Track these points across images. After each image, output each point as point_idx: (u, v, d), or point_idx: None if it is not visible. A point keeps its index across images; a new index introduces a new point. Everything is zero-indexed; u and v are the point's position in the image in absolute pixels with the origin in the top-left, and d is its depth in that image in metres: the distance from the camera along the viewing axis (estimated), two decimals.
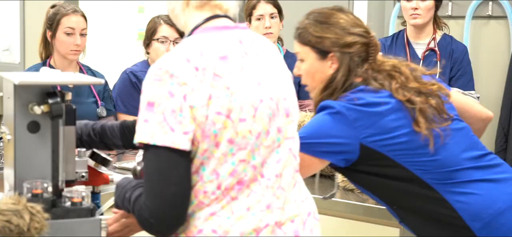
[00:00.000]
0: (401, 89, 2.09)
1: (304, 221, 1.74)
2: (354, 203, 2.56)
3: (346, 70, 2.13)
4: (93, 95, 3.51)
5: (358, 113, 2.05)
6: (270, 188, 1.67)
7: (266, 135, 1.66)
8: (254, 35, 1.77)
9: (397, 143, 2.06)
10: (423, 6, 3.45)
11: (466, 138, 2.17)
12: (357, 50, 2.13)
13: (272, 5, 3.74)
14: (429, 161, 2.07)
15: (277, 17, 3.74)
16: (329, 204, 2.61)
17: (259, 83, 1.67)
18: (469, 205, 2.07)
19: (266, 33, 3.70)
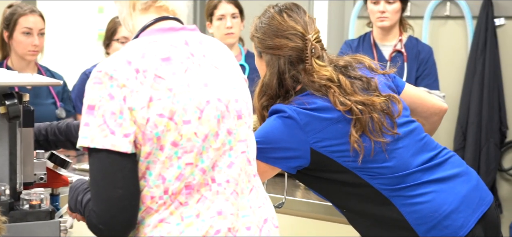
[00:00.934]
0: (341, 98, 2.02)
1: (260, 227, 1.71)
2: (316, 202, 2.57)
3: (276, 72, 2.08)
4: (52, 96, 3.47)
5: (309, 118, 2.02)
6: (222, 193, 1.64)
7: (215, 137, 1.64)
8: (203, 37, 1.75)
9: (346, 150, 2.02)
10: (391, 9, 3.49)
11: (415, 141, 2.12)
12: (285, 53, 2.07)
13: (234, 5, 3.73)
14: (378, 167, 2.04)
15: (239, 17, 3.74)
16: (291, 204, 2.61)
17: (206, 84, 1.65)
18: (415, 210, 2.05)
19: (227, 33, 3.69)
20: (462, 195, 2.10)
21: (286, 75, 2.07)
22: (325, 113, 2.02)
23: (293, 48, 2.07)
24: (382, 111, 2.06)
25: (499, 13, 4.00)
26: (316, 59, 2.07)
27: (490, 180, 4.08)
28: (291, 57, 2.07)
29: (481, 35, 4.00)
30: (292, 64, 2.08)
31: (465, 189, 2.11)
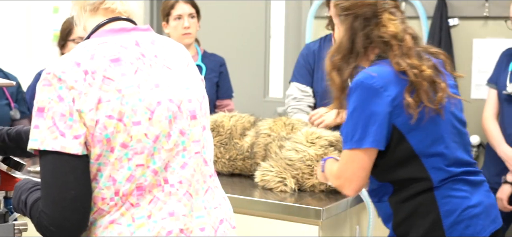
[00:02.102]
0: (398, 59, 2.13)
1: (215, 228, 1.72)
2: (273, 202, 2.58)
3: (349, 31, 2.20)
4: (6, 97, 3.42)
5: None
6: (174, 194, 1.64)
7: (167, 138, 1.63)
8: (156, 37, 1.74)
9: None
10: None
11: (466, 142, 2.27)
12: (361, 10, 2.18)
13: (191, 5, 3.72)
14: (432, 144, 2.15)
15: (196, 17, 3.73)
16: (249, 204, 2.62)
17: (157, 85, 1.64)
18: (449, 202, 2.16)
19: (185, 33, 3.68)
20: (485, 205, 2.23)
21: (359, 33, 2.18)
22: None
23: (368, 5, 2.18)
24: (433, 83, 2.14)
25: (453, 13, 4.05)
26: (388, 14, 2.18)
27: None
28: (366, 13, 2.18)
29: (435, 35, 4.05)
30: (367, 20, 2.18)
31: (487, 201, 2.25)
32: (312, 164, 2.65)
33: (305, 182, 2.67)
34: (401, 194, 2.20)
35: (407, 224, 2.20)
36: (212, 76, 3.82)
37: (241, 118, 3.01)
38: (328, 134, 2.74)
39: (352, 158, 2.17)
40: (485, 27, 4.02)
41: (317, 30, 4.45)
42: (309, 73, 3.58)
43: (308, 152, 2.66)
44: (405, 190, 2.19)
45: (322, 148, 2.67)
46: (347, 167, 2.18)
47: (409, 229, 2.20)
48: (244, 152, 2.91)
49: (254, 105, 4.62)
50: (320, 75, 3.55)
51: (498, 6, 3.91)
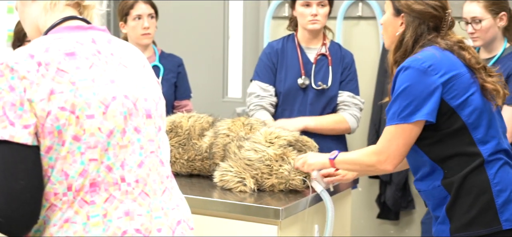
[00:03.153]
0: (473, 59, 2.38)
1: (173, 229, 1.71)
2: (232, 202, 2.58)
3: (413, 33, 2.41)
4: None
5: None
6: (130, 193, 1.63)
7: (122, 134, 1.63)
8: (112, 37, 1.75)
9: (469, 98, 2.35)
10: (322, 12, 3.48)
11: (503, 125, 2.48)
12: (427, 19, 2.41)
13: (150, 5, 3.70)
14: (484, 123, 2.36)
15: (154, 17, 3.71)
16: (208, 204, 2.61)
17: (113, 81, 1.65)
18: (499, 176, 2.35)
19: (144, 33, 3.65)
20: None
21: (423, 37, 2.41)
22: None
23: (434, 17, 2.41)
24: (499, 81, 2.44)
25: None
26: (449, 29, 2.46)
27: (402, 177, 4.18)
28: (429, 24, 2.42)
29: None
30: (429, 29, 2.42)
31: None
32: (271, 164, 2.66)
33: (264, 182, 2.68)
34: (453, 175, 2.35)
35: (460, 204, 2.35)
36: (170, 76, 3.80)
37: (200, 118, 3.00)
38: (286, 134, 2.76)
39: (398, 134, 2.35)
40: None
41: (275, 30, 4.47)
42: (272, 72, 3.58)
43: (267, 152, 2.66)
44: (457, 170, 2.36)
45: (281, 148, 2.68)
46: (392, 143, 2.36)
47: (463, 209, 2.34)
48: (203, 153, 2.90)
49: (213, 105, 4.62)
50: (283, 75, 3.56)
51: (452, 6, 3.96)
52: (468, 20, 3.49)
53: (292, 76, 3.55)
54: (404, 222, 4.31)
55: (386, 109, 2.41)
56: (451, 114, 2.34)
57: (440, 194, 2.40)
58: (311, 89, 3.53)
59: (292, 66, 3.56)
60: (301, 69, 3.53)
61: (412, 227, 4.29)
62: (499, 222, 2.33)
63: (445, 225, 2.39)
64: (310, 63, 3.56)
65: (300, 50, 3.58)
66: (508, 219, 2.34)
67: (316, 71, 3.54)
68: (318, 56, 3.56)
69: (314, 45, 3.59)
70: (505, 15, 3.48)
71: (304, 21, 3.51)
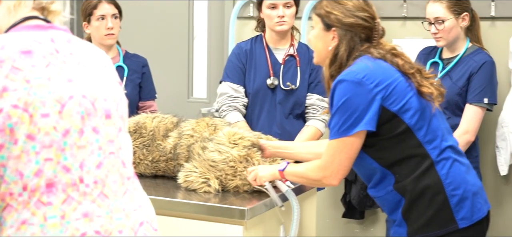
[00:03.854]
0: (406, 64, 2.41)
1: (135, 230, 1.69)
2: (197, 203, 2.57)
3: (347, 46, 2.42)
4: None
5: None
6: (89, 195, 1.61)
7: (80, 135, 1.61)
8: (73, 37, 1.73)
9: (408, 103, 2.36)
10: (289, 13, 3.50)
11: (446, 124, 2.48)
12: (358, 31, 2.42)
13: (114, 5, 3.67)
14: (427, 123, 2.37)
15: (118, 17, 3.68)
16: (173, 205, 2.60)
17: (70, 80, 1.62)
18: (451, 175, 2.37)
19: (108, 34, 3.62)
20: (479, 186, 2.46)
21: (356, 49, 2.41)
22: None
23: (365, 28, 2.42)
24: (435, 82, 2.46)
25: None
26: (380, 38, 2.48)
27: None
28: (361, 36, 2.42)
29: None
30: (361, 41, 2.42)
31: (479, 182, 2.48)
32: (235, 165, 2.65)
33: (228, 183, 2.67)
34: (405, 179, 2.37)
35: (416, 207, 2.36)
36: (134, 77, 3.77)
37: (164, 119, 2.99)
38: (250, 135, 2.76)
39: (340, 148, 2.35)
40: (403, 27, 4.11)
41: (240, 30, 4.46)
42: (241, 72, 3.59)
43: (231, 153, 2.66)
44: (407, 173, 2.37)
45: (244, 149, 2.68)
46: (335, 158, 2.36)
47: (418, 211, 2.36)
48: (167, 154, 2.89)
49: (178, 106, 4.60)
50: (252, 76, 3.58)
51: (415, 6, 4.00)
52: (431, 20, 3.53)
53: (261, 76, 3.56)
54: (369, 221, 4.34)
55: (328, 124, 2.42)
56: (393, 119, 2.34)
57: (394, 198, 2.41)
58: (279, 90, 3.56)
59: (260, 66, 3.58)
60: (270, 70, 3.55)
61: (377, 225, 4.33)
62: (455, 221, 2.35)
63: (402, 228, 2.40)
64: (278, 63, 3.58)
65: (268, 51, 3.59)
66: (464, 217, 2.36)
67: (284, 72, 3.56)
68: (286, 57, 3.58)
69: (282, 45, 3.61)
70: (467, 15, 3.53)
71: (271, 22, 3.52)
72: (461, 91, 3.50)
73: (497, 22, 3.89)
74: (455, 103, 3.51)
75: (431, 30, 3.54)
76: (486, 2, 3.85)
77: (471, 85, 3.50)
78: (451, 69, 3.55)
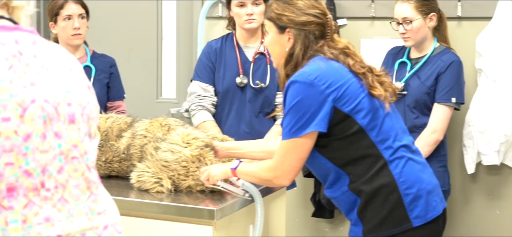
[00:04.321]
0: (357, 64, 2.41)
1: (99, 234, 1.68)
2: (166, 204, 2.55)
3: (302, 45, 2.42)
4: None
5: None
6: (50, 199, 1.59)
7: (42, 139, 1.58)
8: (39, 39, 1.69)
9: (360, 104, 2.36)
10: (258, 11, 3.50)
11: (400, 124, 2.48)
12: (312, 29, 2.42)
13: (80, 5, 3.63)
14: (380, 123, 2.38)
15: (85, 17, 3.65)
16: (140, 206, 2.58)
17: (33, 84, 1.59)
18: (404, 174, 2.38)
19: (75, 34, 3.59)
20: (435, 184, 2.47)
21: (310, 47, 2.42)
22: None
23: (318, 24, 2.42)
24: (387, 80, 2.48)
25: (342, 14, 4.14)
26: (334, 34, 2.48)
27: None
28: (316, 33, 2.43)
29: None
30: (315, 38, 2.42)
31: (435, 181, 2.49)
32: (187, 165, 2.64)
33: (181, 183, 2.66)
34: (359, 179, 2.38)
35: (371, 206, 2.37)
36: (102, 77, 3.74)
37: (118, 119, 2.96)
38: (203, 135, 2.74)
39: (291, 149, 2.36)
40: (372, 27, 4.14)
41: (209, 30, 4.45)
42: (211, 71, 3.60)
43: (184, 153, 2.65)
44: (362, 173, 2.37)
45: (197, 149, 2.66)
46: (285, 158, 2.37)
47: (373, 210, 2.38)
48: (121, 154, 2.86)
49: (147, 106, 4.57)
50: (221, 74, 3.58)
51: (383, 6, 4.03)
52: (399, 20, 3.55)
53: (231, 75, 3.57)
54: (339, 220, 4.35)
55: (281, 124, 2.42)
56: (346, 119, 2.35)
57: (349, 198, 2.42)
58: (249, 88, 3.56)
59: (230, 65, 3.58)
60: (239, 68, 3.55)
61: (347, 224, 4.34)
62: (409, 220, 2.36)
63: (357, 228, 2.42)
64: (248, 62, 3.58)
65: (238, 49, 3.60)
66: (418, 216, 2.37)
67: (254, 70, 3.57)
68: (256, 55, 3.59)
69: (253, 43, 3.61)
70: (434, 15, 3.56)
71: (240, 21, 3.53)
72: (429, 90, 3.53)
73: (464, 22, 3.93)
74: (423, 103, 3.54)
75: (399, 30, 3.57)
76: (453, 2, 3.88)
77: (439, 84, 3.53)
78: (419, 69, 3.58)
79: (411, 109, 3.54)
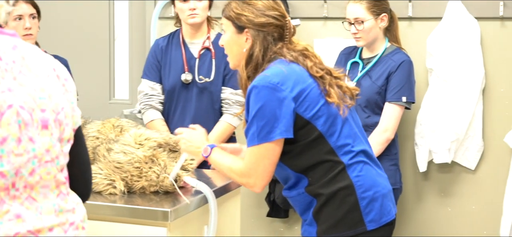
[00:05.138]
0: (315, 66, 2.40)
1: (65, 230, 1.75)
2: (119, 206, 2.54)
3: (261, 46, 2.42)
4: None
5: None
6: (18, 198, 1.65)
7: (17, 143, 1.63)
8: (21, 43, 1.72)
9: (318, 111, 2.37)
10: (201, 6, 3.52)
11: (360, 128, 2.51)
12: (271, 30, 2.42)
13: (31, 5, 3.59)
14: (338, 129, 2.39)
15: (37, 17, 3.60)
16: (92, 208, 2.55)
17: (10, 90, 1.63)
18: (362, 177, 2.40)
19: (26, 34, 3.54)
20: (389, 189, 2.51)
21: (269, 49, 2.42)
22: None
23: (277, 26, 2.43)
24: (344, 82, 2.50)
25: (295, 14, 4.16)
26: (292, 37, 2.48)
27: None
28: (274, 35, 2.43)
29: None
30: (274, 40, 2.43)
31: (390, 186, 2.53)
32: (140, 166, 2.63)
33: (134, 184, 2.65)
34: (318, 182, 2.39)
35: (327, 207, 2.39)
36: None
37: None
38: (156, 135, 2.73)
39: (262, 154, 2.35)
40: (324, 27, 4.17)
41: (162, 30, 4.43)
42: (157, 69, 3.62)
43: (136, 154, 2.63)
44: (320, 176, 2.39)
45: (150, 150, 2.65)
46: (259, 164, 2.36)
47: (329, 212, 2.40)
48: None
49: (100, 108, 4.53)
50: (167, 72, 3.60)
51: (336, 6, 4.06)
52: (351, 21, 3.59)
53: (176, 72, 3.58)
54: (293, 220, 4.37)
55: (245, 131, 2.41)
56: (306, 125, 2.35)
57: (305, 199, 2.44)
58: (195, 84, 3.57)
59: (175, 62, 3.60)
60: (185, 65, 3.56)
61: None
62: (364, 223, 2.39)
63: (312, 227, 2.44)
64: (194, 58, 3.59)
65: (183, 45, 3.61)
66: (373, 219, 2.40)
67: (200, 66, 3.58)
68: (202, 50, 3.60)
69: (198, 39, 3.62)
70: (386, 16, 3.60)
71: (183, 16, 3.55)
72: (380, 90, 3.58)
73: (415, 22, 3.99)
74: (375, 102, 3.58)
75: (351, 30, 3.60)
76: (403, 3, 3.94)
77: (390, 84, 3.57)
78: (370, 68, 3.62)
79: (362, 109, 3.57)
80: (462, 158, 3.91)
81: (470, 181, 3.98)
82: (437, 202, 4.06)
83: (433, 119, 3.80)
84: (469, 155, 3.90)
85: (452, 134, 3.78)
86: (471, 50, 3.77)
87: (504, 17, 3.81)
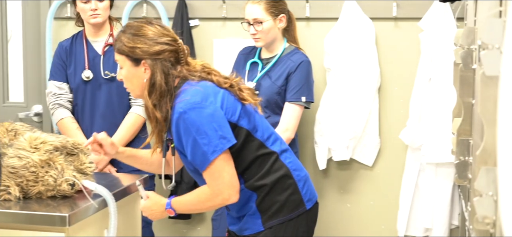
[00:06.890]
0: (220, 79, 2.51)
1: None
2: (15, 212, 2.46)
3: (161, 73, 2.46)
4: None
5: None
6: None
7: None
8: None
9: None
10: (102, 6, 3.65)
11: (267, 122, 2.65)
12: (166, 56, 2.47)
13: None
14: (259, 124, 2.55)
15: None
16: None
17: None
18: (293, 162, 2.60)
19: None
20: (306, 174, 2.67)
21: (170, 74, 2.47)
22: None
23: (171, 51, 2.48)
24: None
25: (194, 14, 4.15)
26: (188, 57, 2.55)
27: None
28: (171, 60, 2.48)
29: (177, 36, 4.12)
30: (172, 64, 2.48)
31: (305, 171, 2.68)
32: (36, 171, 2.55)
33: (30, 189, 2.57)
34: (254, 176, 2.53)
35: (269, 197, 2.54)
36: None
37: None
38: (53, 139, 2.66)
39: (221, 166, 2.43)
40: (223, 27, 4.17)
41: (57, 31, 4.33)
42: (63, 69, 3.72)
43: (32, 158, 2.56)
44: (257, 171, 2.54)
45: (46, 154, 2.58)
46: (223, 177, 2.43)
47: (271, 200, 2.54)
48: None
49: None
50: (72, 71, 3.72)
51: (235, 7, 4.08)
52: (250, 21, 3.61)
53: (80, 70, 3.70)
54: (196, 221, 4.36)
55: (190, 159, 2.46)
56: (235, 129, 2.48)
57: (245, 195, 2.55)
58: (101, 80, 3.69)
59: (79, 61, 3.71)
60: (86, 63, 3.68)
61: (204, 224, 4.36)
62: (304, 203, 2.58)
63: (256, 218, 2.56)
64: (98, 55, 3.71)
65: (86, 44, 3.72)
66: (309, 199, 2.61)
67: (105, 62, 3.69)
68: (105, 47, 3.71)
69: (101, 36, 3.74)
70: (284, 16, 3.64)
71: (85, 16, 3.68)
72: (280, 90, 3.62)
73: (312, 23, 4.05)
74: (275, 102, 3.62)
75: (250, 31, 3.63)
76: (301, 3, 3.99)
77: (289, 84, 3.62)
78: (270, 69, 3.66)
79: (262, 109, 3.60)
80: (360, 155, 4.01)
81: (367, 177, 4.09)
82: (337, 199, 4.14)
83: (332, 118, 3.87)
84: (366, 152, 4.00)
85: (350, 132, 3.87)
86: (367, 50, 3.87)
87: (397, 17, 3.92)
